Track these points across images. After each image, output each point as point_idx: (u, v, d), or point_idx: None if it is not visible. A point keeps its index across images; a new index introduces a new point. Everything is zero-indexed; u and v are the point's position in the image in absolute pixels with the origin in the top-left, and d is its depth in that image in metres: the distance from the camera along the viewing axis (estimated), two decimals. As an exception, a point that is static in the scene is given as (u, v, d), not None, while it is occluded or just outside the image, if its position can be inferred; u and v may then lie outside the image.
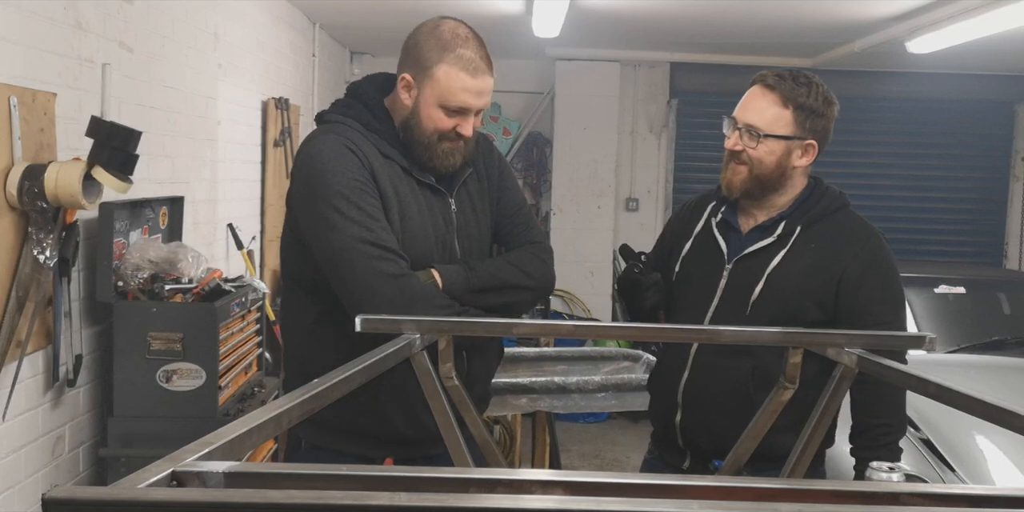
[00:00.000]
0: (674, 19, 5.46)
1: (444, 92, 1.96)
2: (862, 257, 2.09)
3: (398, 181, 2.00)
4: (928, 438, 3.12)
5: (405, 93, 2.01)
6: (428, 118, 1.99)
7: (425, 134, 2.00)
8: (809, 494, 0.87)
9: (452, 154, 2.03)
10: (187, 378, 2.88)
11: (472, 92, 1.98)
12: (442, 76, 1.96)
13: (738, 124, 2.09)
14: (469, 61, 1.96)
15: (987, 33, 4.73)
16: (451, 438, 1.75)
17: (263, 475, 0.89)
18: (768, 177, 2.09)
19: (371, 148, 1.99)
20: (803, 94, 2.07)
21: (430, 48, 1.97)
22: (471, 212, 2.11)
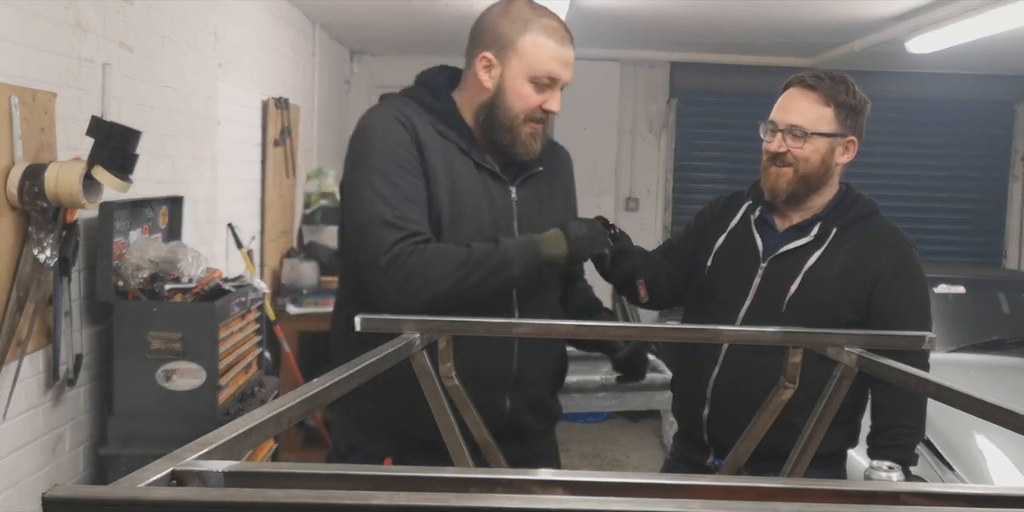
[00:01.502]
0: (674, 19, 5.46)
1: (534, 62, 1.91)
2: (894, 262, 2.13)
3: (453, 159, 1.95)
4: (928, 438, 3.12)
5: (485, 74, 1.95)
6: (515, 95, 1.93)
7: (510, 114, 1.94)
8: (809, 494, 0.87)
9: (534, 138, 1.98)
10: (187, 378, 2.88)
11: (561, 61, 1.93)
12: (529, 46, 1.91)
13: (779, 127, 2.13)
14: (556, 30, 1.93)
15: (987, 33, 4.73)
16: (451, 438, 1.75)
17: (263, 474, 0.90)
18: (814, 176, 2.13)
19: (426, 125, 1.95)
20: (842, 92, 2.11)
21: (510, 22, 1.92)
22: (536, 207, 2.04)
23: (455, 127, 1.98)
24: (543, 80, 1.93)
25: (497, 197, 1.99)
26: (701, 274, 2.26)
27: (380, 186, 1.88)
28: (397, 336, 1.58)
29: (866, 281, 2.11)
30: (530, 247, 1.91)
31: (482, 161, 1.98)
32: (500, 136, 1.96)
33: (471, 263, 1.88)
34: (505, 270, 1.90)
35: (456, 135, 1.97)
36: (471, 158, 1.96)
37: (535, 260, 1.92)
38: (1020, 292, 4.85)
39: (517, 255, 1.90)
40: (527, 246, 1.92)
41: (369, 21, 5.76)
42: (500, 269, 1.89)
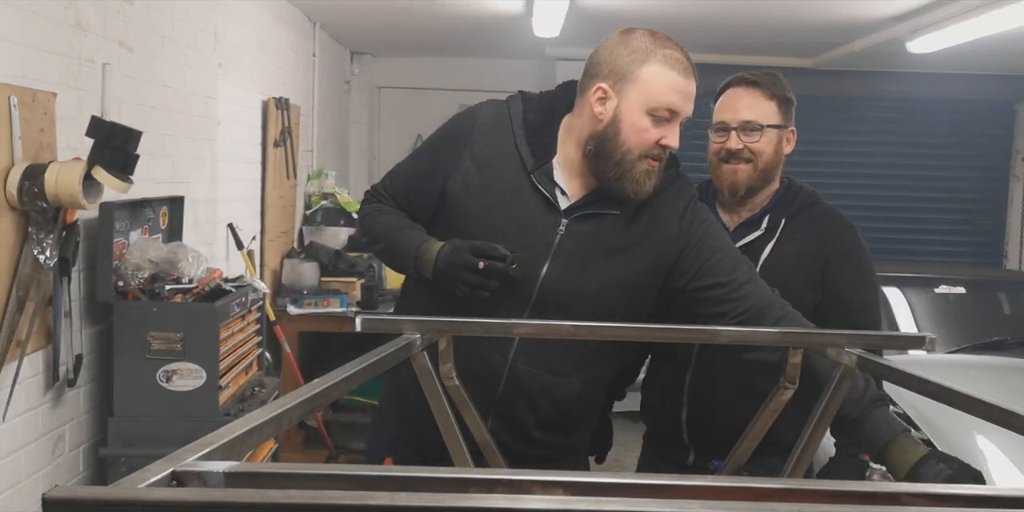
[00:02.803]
0: (674, 19, 5.46)
1: (653, 93, 1.82)
2: (842, 245, 2.22)
3: (508, 172, 1.91)
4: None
5: (600, 106, 1.86)
6: (631, 128, 1.84)
7: (623, 148, 1.85)
8: (808, 494, 0.87)
9: (649, 176, 1.87)
10: (187, 378, 2.88)
11: (682, 93, 1.84)
12: (649, 76, 1.82)
13: (732, 125, 2.19)
14: (678, 61, 1.85)
15: (987, 33, 4.73)
16: (451, 438, 1.75)
17: (263, 475, 0.90)
18: (771, 167, 2.22)
19: (506, 133, 1.93)
20: (780, 86, 2.23)
21: (629, 53, 1.84)
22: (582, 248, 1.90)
23: (534, 145, 1.92)
24: (662, 113, 1.84)
25: (540, 225, 1.90)
26: None
27: (408, 161, 2.08)
28: (398, 336, 1.58)
29: (819, 264, 2.18)
30: (406, 259, 1.94)
31: (541, 184, 1.90)
32: (608, 168, 1.87)
33: (372, 235, 2.04)
34: (391, 259, 2.06)
35: (529, 152, 1.91)
36: (532, 179, 1.90)
37: (410, 270, 1.96)
38: (1020, 292, 4.84)
39: (399, 256, 1.97)
40: (404, 256, 1.95)
41: (369, 21, 5.76)
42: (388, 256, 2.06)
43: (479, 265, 1.81)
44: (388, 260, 2.12)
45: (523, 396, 1.97)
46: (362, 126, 7.40)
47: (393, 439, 2.13)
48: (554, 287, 1.91)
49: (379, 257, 2.23)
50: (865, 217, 7.45)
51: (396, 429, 2.12)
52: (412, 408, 1.96)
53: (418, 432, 2.00)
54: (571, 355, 1.96)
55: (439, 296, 1.92)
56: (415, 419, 1.98)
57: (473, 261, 1.82)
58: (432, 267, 1.88)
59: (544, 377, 1.97)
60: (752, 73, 2.24)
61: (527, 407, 1.99)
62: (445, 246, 1.88)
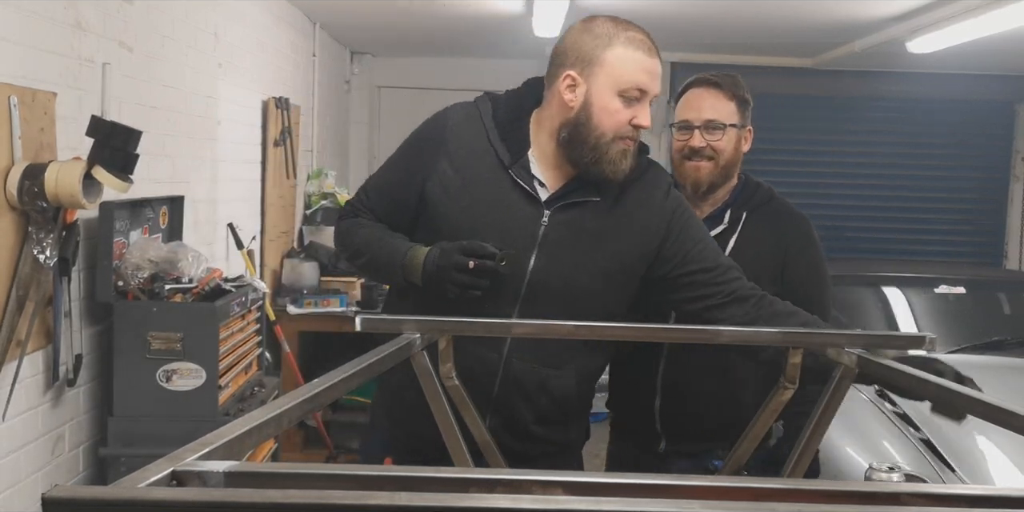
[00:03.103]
0: (674, 19, 5.46)
1: (621, 74, 1.86)
2: (799, 236, 2.33)
3: (485, 170, 1.93)
4: (928, 438, 3.12)
5: (570, 93, 1.89)
6: (603, 111, 1.87)
7: (598, 131, 1.88)
8: (808, 494, 0.87)
9: (625, 156, 1.90)
10: (187, 378, 2.88)
11: (650, 72, 1.89)
12: (615, 59, 1.87)
13: (695, 124, 2.29)
14: (641, 42, 1.90)
15: (987, 33, 4.73)
16: (451, 438, 1.75)
17: (263, 475, 0.89)
18: (731, 164, 2.31)
19: (479, 132, 1.96)
20: (739, 87, 2.33)
21: (593, 38, 1.88)
22: (570, 239, 1.93)
23: (509, 138, 1.95)
24: (632, 93, 1.88)
25: (523, 218, 1.92)
26: None
27: (388, 165, 2.08)
28: (398, 336, 1.58)
29: (778, 255, 2.29)
30: (394, 267, 1.93)
31: (520, 178, 1.93)
32: (583, 154, 1.90)
33: (353, 250, 2.04)
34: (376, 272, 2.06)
35: (504, 148, 1.94)
36: (510, 174, 1.93)
37: (398, 278, 1.95)
38: (1020, 292, 4.84)
39: (385, 266, 1.96)
40: (390, 265, 1.93)
41: (369, 21, 5.75)
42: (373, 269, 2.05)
43: (469, 265, 1.82)
44: (372, 272, 2.11)
45: (520, 392, 1.98)
46: (362, 126, 7.40)
47: (387, 441, 2.12)
48: (542, 279, 1.92)
49: (362, 271, 2.19)
50: (865, 217, 7.46)
51: (391, 431, 2.11)
52: (408, 409, 1.95)
53: (416, 432, 1.99)
54: (565, 348, 1.98)
55: (426, 301, 1.91)
56: (412, 420, 1.97)
57: (463, 261, 1.82)
58: (421, 272, 1.88)
59: (540, 371, 1.98)
60: (713, 74, 2.35)
61: (525, 403, 2.00)
62: (433, 250, 1.88)
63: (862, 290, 4.70)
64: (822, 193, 7.41)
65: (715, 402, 2.27)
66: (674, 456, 2.34)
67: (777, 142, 7.20)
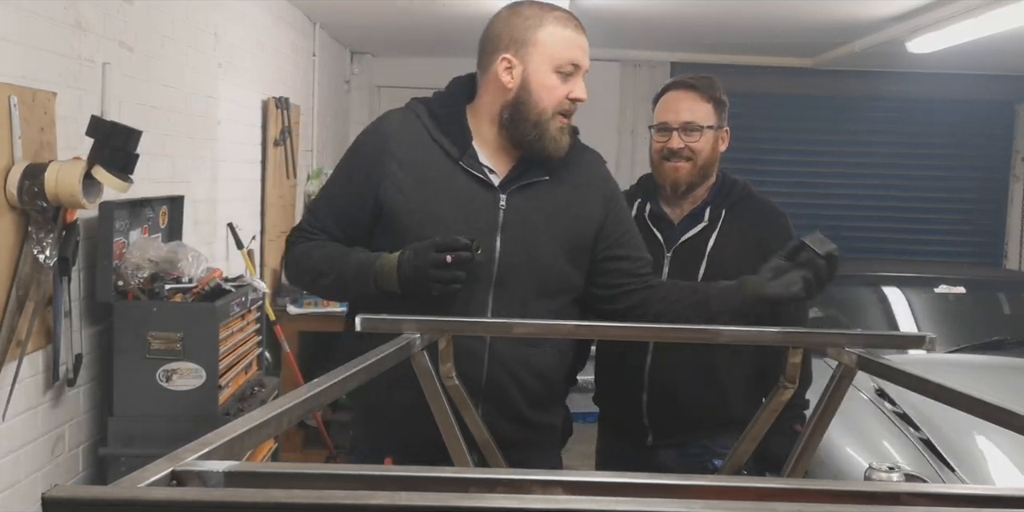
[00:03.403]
0: (674, 19, 5.46)
1: (556, 51, 1.94)
2: (777, 230, 2.39)
3: (435, 165, 1.97)
4: (928, 438, 3.12)
5: (507, 75, 1.96)
6: (542, 87, 1.94)
7: (539, 108, 1.95)
8: (809, 494, 0.87)
9: (563, 132, 1.99)
10: (187, 378, 2.88)
11: (581, 48, 1.98)
12: (548, 37, 1.95)
13: (673, 126, 2.35)
14: (569, 19, 1.99)
15: (987, 33, 4.73)
16: (451, 438, 1.75)
17: (263, 475, 0.90)
18: (709, 164, 2.38)
19: (419, 132, 2.00)
20: (716, 89, 2.39)
21: (523, 20, 1.97)
22: (529, 218, 1.99)
23: (450, 132, 2.00)
24: (567, 68, 1.96)
25: (481, 205, 1.97)
26: None
27: (331, 182, 2.10)
28: (397, 336, 1.58)
29: (758, 250, 2.31)
30: (365, 279, 1.92)
31: (471, 167, 1.98)
32: (526, 132, 1.96)
33: (315, 273, 2.01)
34: (344, 290, 2.00)
35: (449, 141, 1.99)
36: (460, 165, 1.98)
37: (370, 289, 1.92)
38: (1020, 292, 4.84)
39: (353, 280, 1.94)
40: (361, 277, 1.92)
41: (369, 21, 5.75)
42: (340, 287, 2.00)
43: (447, 259, 1.83)
44: (340, 290, 2.05)
45: (508, 373, 2.01)
46: (362, 126, 7.23)
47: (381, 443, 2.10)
48: (510, 261, 1.97)
49: (325, 292, 2.19)
50: (865, 217, 7.46)
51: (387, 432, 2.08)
52: (407, 409, 1.94)
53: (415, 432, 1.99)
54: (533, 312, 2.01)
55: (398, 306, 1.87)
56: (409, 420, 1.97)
57: (439, 257, 1.84)
58: (397, 277, 1.88)
59: (522, 350, 2.01)
60: (690, 77, 2.42)
61: (514, 384, 2.02)
62: (405, 252, 1.88)
63: (862, 290, 4.70)
64: (822, 193, 7.41)
65: (701, 396, 2.35)
66: (662, 449, 2.41)
67: (777, 142, 7.20)
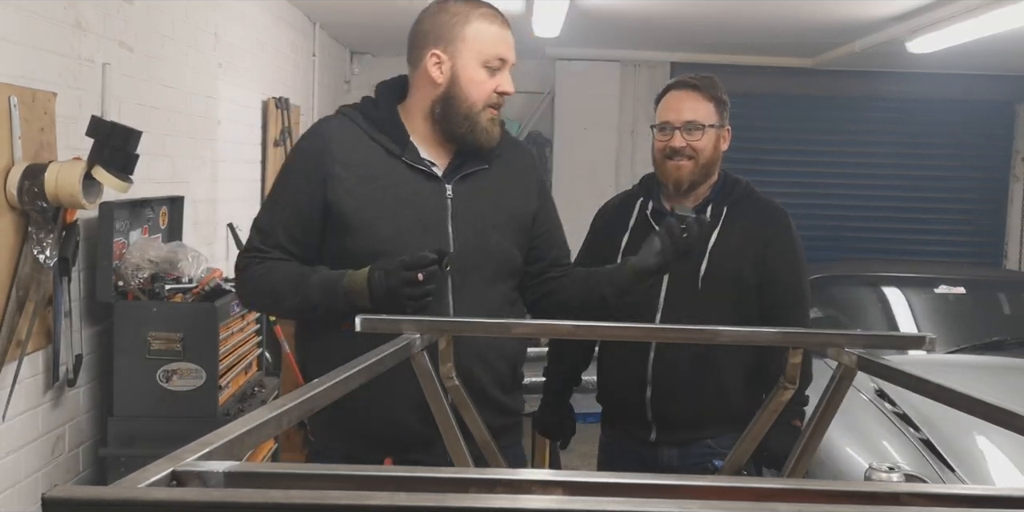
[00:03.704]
0: (674, 19, 5.46)
1: (483, 47, 2.00)
2: (779, 229, 2.44)
3: (378, 163, 2.01)
4: (928, 438, 3.12)
5: (436, 71, 2.00)
6: (471, 82, 2.00)
7: (468, 101, 2.00)
8: (808, 494, 0.87)
9: (494, 123, 2.04)
10: (187, 378, 2.88)
11: (506, 43, 2.03)
12: (475, 33, 2.00)
13: (675, 125, 2.38)
14: (494, 16, 2.04)
15: (987, 33, 4.73)
16: (451, 438, 1.75)
17: (263, 475, 0.89)
18: (711, 163, 2.40)
19: (357, 134, 2.03)
20: (717, 89, 2.42)
21: (450, 17, 2.01)
22: (475, 204, 2.05)
23: (387, 131, 2.03)
24: (494, 63, 2.01)
25: (429, 196, 2.01)
26: None
27: (273, 196, 2.08)
28: (397, 336, 1.58)
29: (759, 247, 2.39)
30: (334, 297, 1.92)
31: (414, 161, 2.02)
32: (458, 125, 2.02)
33: (275, 295, 1.99)
34: (310, 310, 1.98)
35: (388, 139, 2.02)
36: (402, 160, 2.01)
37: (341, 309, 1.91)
38: (1020, 292, 4.84)
39: (321, 301, 1.94)
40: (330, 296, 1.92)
41: (369, 21, 5.75)
42: (304, 308, 1.98)
43: (418, 277, 1.86)
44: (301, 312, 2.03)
45: (478, 355, 2.02)
46: (362, 126, 7.39)
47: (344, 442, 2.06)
48: (465, 247, 2.01)
49: (286, 313, 2.20)
50: (865, 217, 7.46)
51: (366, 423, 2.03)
52: (391, 395, 1.92)
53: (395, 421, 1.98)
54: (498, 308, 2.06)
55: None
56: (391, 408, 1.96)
57: (411, 276, 1.86)
58: (369, 296, 1.89)
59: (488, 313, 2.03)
60: (692, 77, 2.44)
61: (483, 367, 2.04)
62: (375, 274, 1.89)
63: (862, 290, 4.70)
64: (822, 193, 7.41)
65: (703, 391, 2.37)
66: (666, 445, 2.42)
67: (777, 142, 7.20)
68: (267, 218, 2.04)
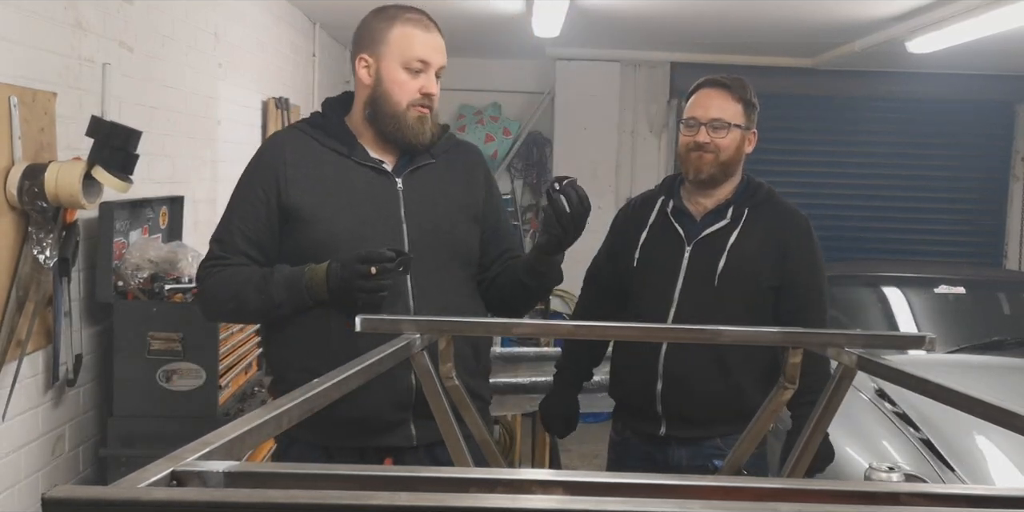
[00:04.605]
0: (674, 19, 5.46)
1: (403, 50, 2.08)
2: (799, 234, 2.46)
3: (329, 165, 2.10)
4: (928, 438, 3.12)
5: (365, 73, 2.11)
6: (392, 83, 2.08)
7: (392, 101, 2.09)
8: (809, 494, 0.87)
9: (422, 122, 2.11)
10: (187, 378, 2.88)
11: (429, 46, 2.10)
12: (397, 37, 2.08)
13: (702, 121, 2.41)
14: (418, 21, 2.11)
15: (987, 33, 4.73)
16: (451, 438, 1.75)
17: (263, 475, 0.89)
18: (732, 162, 2.43)
19: (307, 141, 2.13)
20: (747, 91, 2.45)
21: (379, 21, 2.11)
22: (426, 194, 2.14)
23: (336, 136, 2.14)
24: (415, 65, 2.09)
25: (380, 190, 2.11)
26: (630, 267, 2.51)
27: (229, 209, 2.18)
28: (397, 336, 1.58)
29: (779, 251, 2.42)
30: (298, 292, 2.00)
31: (363, 160, 2.12)
32: (386, 124, 2.10)
33: (238, 300, 2.04)
34: (275, 309, 2.03)
35: (337, 142, 2.13)
36: (352, 159, 2.12)
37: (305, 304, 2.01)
38: (1020, 292, 4.84)
39: (288, 298, 2.01)
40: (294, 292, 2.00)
41: (369, 21, 5.75)
42: (269, 308, 2.02)
43: (371, 271, 1.93)
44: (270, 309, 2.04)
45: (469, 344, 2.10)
46: (362, 126, 7.38)
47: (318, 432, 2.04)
48: (419, 233, 2.10)
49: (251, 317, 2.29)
50: (865, 217, 7.46)
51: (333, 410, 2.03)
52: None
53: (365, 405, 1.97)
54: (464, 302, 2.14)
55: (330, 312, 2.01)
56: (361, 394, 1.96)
57: (364, 269, 1.93)
58: (326, 287, 1.98)
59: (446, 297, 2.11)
60: (723, 77, 2.48)
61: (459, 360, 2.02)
62: (332, 265, 1.98)
63: (862, 290, 4.70)
64: (822, 193, 7.41)
65: (714, 388, 2.39)
66: (675, 442, 2.44)
67: (777, 142, 7.19)
68: (224, 228, 2.14)
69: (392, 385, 2.02)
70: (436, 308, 2.03)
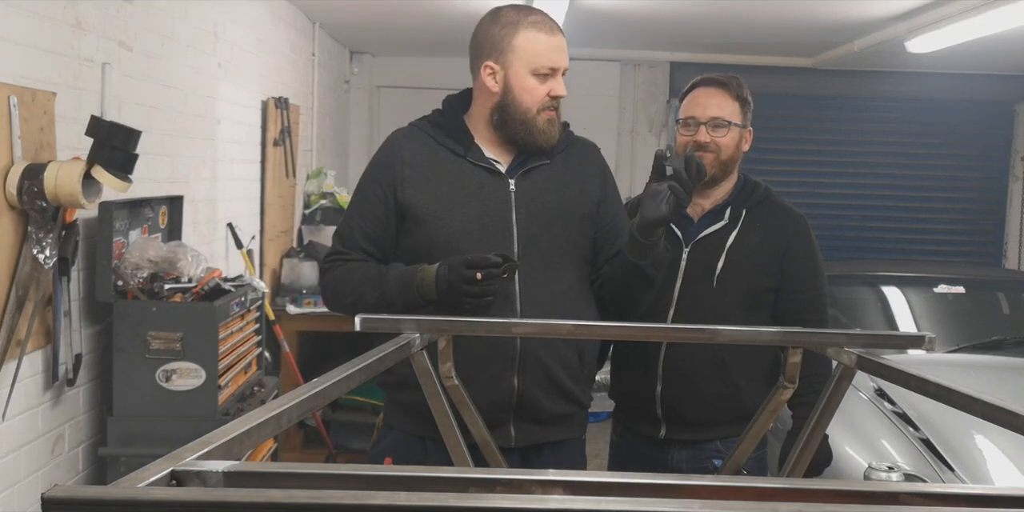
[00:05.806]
0: (674, 19, 5.46)
1: (532, 57, 2.07)
2: (798, 234, 2.46)
3: (445, 164, 2.13)
4: (927, 438, 3.11)
5: (492, 80, 2.11)
6: (523, 90, 2.09)
7: (522, 108, 2.09)
8: (809, 494, 0.87)
9: (551, 124, 2.12)
10: (187, 377, 2.88)
11: (556, 49, 2.10)
12: (524, 43, 2.08)
13: (701, 120, 2.40)
14: (543, 23, 2.10)
15: (987, 33, 4.72)
16: (451, 438, 1.75)
17: (263, 474, 0.89)
18: (731, 160, 2.43)
19: (425, 140, 2.16)
20: (743, 89, 2.46)
21: (500, 28, 2.10)
22: (538, 195, 2.14)
23: (453, 135, 2.16)
24: (544, 71, 2.09)
25: (492, 191, 2.12)
26: None
27: (351, 206, 2.22)
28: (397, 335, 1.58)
29: (778, 251, 2.42)
30: (410, 292, 2.04)
31: (478, 160, 2.13)
32: (516, 130, 2.11)
33: (357, 294, 2.09)
34: (390, 305, 2.05)
35: (454, 142, 2.15)
36: (467, 159, 2.13)
37: (417, 303, 2.04)
38: (1020, 292, 4.84)
39: (398, 296, 2.05)
40: (406, 290, 2.04)
41: (369, 21, 5.75)
42: (384, 305, 2.06)
43: (477, 276, 1.96)
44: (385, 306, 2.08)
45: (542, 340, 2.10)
46: (361, 126, 7.39)
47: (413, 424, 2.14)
48: (528, 234, 2.11)
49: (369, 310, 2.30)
50: (865, 217, 7.46)
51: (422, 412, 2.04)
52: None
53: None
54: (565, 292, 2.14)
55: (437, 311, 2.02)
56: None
57: (470, 274, 1.96)
58: (435, 289, 2.00)
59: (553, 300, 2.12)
60: (720, 75, 2.48)
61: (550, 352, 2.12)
62: (440, 267, 2.01)
63: (862, 290, 4.69)
64: (822, 193, 7.41)
65: (714, 389, 2.38)
66: (675, 445, 2.44)
67: (777, 142, 7.20)
68: (346, 224, 2.20)
69: (495, 386, 2.05)
70: (543, 312, 2.06)
